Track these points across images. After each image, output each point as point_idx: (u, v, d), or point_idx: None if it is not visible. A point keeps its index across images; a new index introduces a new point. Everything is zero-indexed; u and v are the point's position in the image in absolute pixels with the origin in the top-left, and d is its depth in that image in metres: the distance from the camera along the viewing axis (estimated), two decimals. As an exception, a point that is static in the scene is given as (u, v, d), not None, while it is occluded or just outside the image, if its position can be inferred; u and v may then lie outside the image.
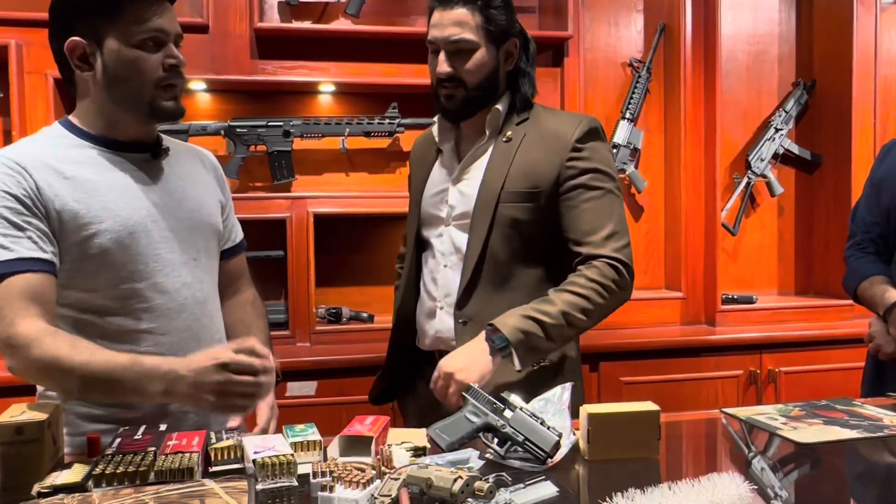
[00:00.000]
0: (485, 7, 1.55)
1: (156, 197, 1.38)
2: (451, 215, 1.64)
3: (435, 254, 1.66)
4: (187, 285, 1.40)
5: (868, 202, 2.01)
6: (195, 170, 1.51)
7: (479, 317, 1.55)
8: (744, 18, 3.15)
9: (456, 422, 1.29)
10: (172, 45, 1.34)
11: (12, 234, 1.23)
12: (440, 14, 1.56)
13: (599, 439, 1.27)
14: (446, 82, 1.57)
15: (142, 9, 1.29)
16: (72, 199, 1.28)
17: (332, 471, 1.11)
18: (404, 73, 2.76)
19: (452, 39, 1.54)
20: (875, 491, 1.25)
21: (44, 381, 1.28)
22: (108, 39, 1.30)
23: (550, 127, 1.60)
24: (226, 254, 1.58)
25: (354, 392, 2.35)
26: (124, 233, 1.31)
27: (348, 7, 2.69)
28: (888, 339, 1.85)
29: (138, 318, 1.35)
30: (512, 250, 1.57)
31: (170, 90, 1.34)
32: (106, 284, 1.32)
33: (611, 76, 3.03)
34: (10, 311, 1.20)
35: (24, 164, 1.27)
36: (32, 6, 2.55)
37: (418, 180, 1.74)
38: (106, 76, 1.32)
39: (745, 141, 3.16)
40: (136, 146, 1.39)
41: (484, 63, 1.57)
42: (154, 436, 1.26)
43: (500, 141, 1.61)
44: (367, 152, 2.82)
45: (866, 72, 3.00)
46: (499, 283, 1.58)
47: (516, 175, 1.57)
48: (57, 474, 1.11)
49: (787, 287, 3.24)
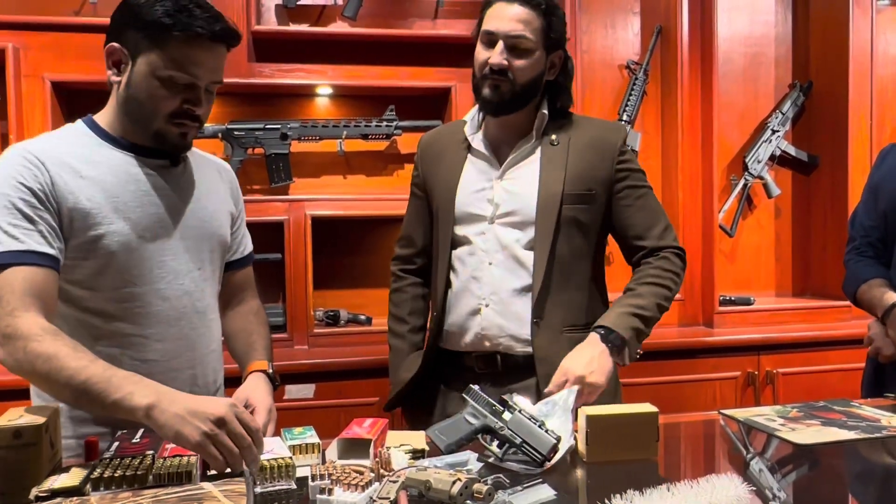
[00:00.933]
0: (549, 13, 1.59)
1: (168, 203, 1.38)
2: (496, 213, 1.65)
3: (475, 251, 1.66)
4: (188, 294, 1.40)
5: (866, 207, 2.02)
6: (211, 180, 1.51)
7: (548, 315, 1.61)
8: (740, 20, 3.16)
9: (455, 423, 1.29)
10: (202, 92, 1.33)
11: (23, 226, 1.23)
12: (503, 7, 1.58)
13: (598, 441, 1.27)
14: (496, 74, 1.58)
15: (185, 48, 1.29)
16: (84, 198, 1.29)
17: (330, 474, 1.11)
18: (401, 75, 2.76)
19: (514, 34, 1.57)
20: (873, 492, 1.25)
21: (34, 377, 1.21)
22: (142, 59, 1.31)
23: (595, 133, 1.68)
24: (234, 265, 1.59)
25: (353, 395, 2.35)
26: (132, 236, 1.32)
27: (345, 10, 2.70)
28: (887, 341, 1.84)
29: (136, 323, 1.34)
30: (573, 249, 1.64)
31: (181, 127, 1.34)
32: (108, 285, 1.32)
33: (608, 78, 3.04)
34: (13, 300, 1.19)
35: (42, 159, 1.28)
36: (30, 9, 2.56)
37: (441, 176, 1.73)
38: (127, 90, 1.34)
39: (742, 143, 3.17)
40: (156, 151, 1.39)
41: (536, 65, 1.61)
42: (152, 439, 1.25)
43: (547, 144, 1.66)
44: (365, 155, 2.82)
45: (862, 73, 3.00)
46: (562, 282, 1.63)
47: (573, 178, 1.63)
48: (55, 478, 1.11)
49: (785, 288, 3.25)
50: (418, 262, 1.85)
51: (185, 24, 1.27)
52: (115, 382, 1.14)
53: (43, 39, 2.49)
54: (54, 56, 2.50)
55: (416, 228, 1.83)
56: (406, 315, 1.83)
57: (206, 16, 1.29)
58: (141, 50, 1.30)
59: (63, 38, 2.51)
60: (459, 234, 1.69)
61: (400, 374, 1.78)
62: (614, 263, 3.03)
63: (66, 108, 2.57)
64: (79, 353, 1.18)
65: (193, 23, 1.27)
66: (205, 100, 1.35)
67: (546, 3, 1.59)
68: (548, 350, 1.59)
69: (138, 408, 1.12)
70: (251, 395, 1.43)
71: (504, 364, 1.64)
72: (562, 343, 1.58)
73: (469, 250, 1.67)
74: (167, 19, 1.27)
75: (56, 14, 2.56)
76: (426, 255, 1.83)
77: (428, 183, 1.78)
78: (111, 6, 2.69)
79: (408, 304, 1.84)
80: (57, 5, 2.60)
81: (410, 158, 2.87)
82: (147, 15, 1.28)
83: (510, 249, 1.63)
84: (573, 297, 1.64)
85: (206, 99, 1.36)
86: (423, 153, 1.82)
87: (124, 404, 1.13)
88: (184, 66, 1.29)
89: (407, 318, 1.83)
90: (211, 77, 1.34)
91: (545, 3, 1.59)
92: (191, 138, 1.39)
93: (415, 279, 1.85)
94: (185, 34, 1.28)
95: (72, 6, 2.61)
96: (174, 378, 1.36)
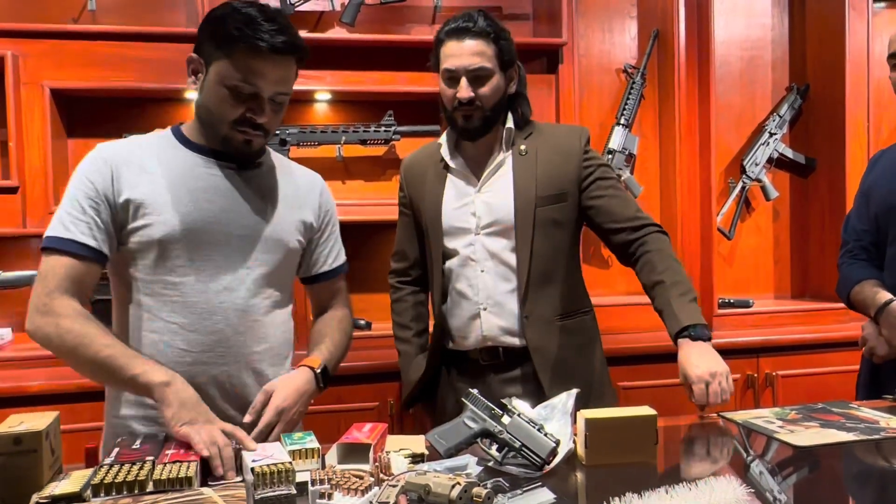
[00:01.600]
0: (497, 39, 1.71)
1: (225, 203, 1.45)
2: (480, 225, 1.77)
3: (466, 262, 1.78)
4: (228, 290, 1.44)
5: (858, 211, 2.03)
6: (290, 188, 1.57)
7: (539, 310, 1.74)
8: (737, 24, 3.17)
9: (454, 427, 1.30)
10: (266, 103, 1.39)
11: (76, 216, 1.36)
12: (457, 45, 1.70)
13: (597, 444, 1.28)
14: (466, 105, 1.71)
15: (251, 59, 1.36)
16: (142, 191, 1.39)
17: (330, 478, 1.11)
18: (400, 80, 2.77)
19: (473, 68, 1.69)
20: (872, 493, 1.25)
21: (61, 350, 1.33)
22: (213, 68, 1.39)
23: (559, 139, 1.81)
24: (321, 277, 1.67)
25: (352, 399, 2.35)
26: (178, 228, 1.39)
27: (343, 16, 2.71)
28: (881, 340, 1.85)
29: (173, 311, 1.41)
30: (553, 246, 1.76)
31: (244, 134, 1.41)
32: (152, 272, 1.40)
33: (605, 82, 3.05)
34: (54, 281, 1.33)
35: (111, 157, 1.40)
36: (29, 17, 2.57)
37: (426, 196, 1.85)
38: (200, 97, 1.44)
39: (740, 146, 3.18)
40: (226, 155, 1.47)
41: (498, 87, 1.74)
42: (152, 445, 1.26)
43: (516, 154, 1.78)
44: (364, 160, 2.83)
45: (859, 76, 3.01)
46: (547, 278, 1.76)
47: (544, 181, 1.75)
48: (55, 484, 1.11)
49: (784, 291, 3.25)
50: (413, 273, 1.98)
51: (249, 36, 1.34)
52: (136, 362, 1.31)
53: (42, 47, 2.50)
54: (53, 63, 2.51)
55: (408, 244, 1.96)
56: (409, 321, 1.97)
57: (271, 29, 1.35)
58: (213, 60, 1.39)
59: (62, 46, 2.52)
60: (449, 246, 1.81)
61: (410, 376, 1.92)
62: (613, 266, 3.04)
63: (66, 116, 2.58)
64: (106, 334, 1.33)
65: (257, 36, 1.34)
66: (270, 110, 1.41)
67: (493, 30, 1.71)
68: (539, 341, 1.74)
69: (154, 383, 1.29)
70: (277, 388, 1.44)
71: (505, 355, 1.77)
72: (552, 332, 1.75)
73: (460, 261, 1.79)
74: (235, 32, 1.35)
75: (55, 21, 2.58)
76: (419, 267, 1.96)
77: (414, 202, 1.91)
78: (110, 14, 2.73)
79: (409, 311, 1.97)
80: (56, 13, 2.61)
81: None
82: (219, 28, 1.37)
83: (499, 257, 1.76)
84: (558, 289, 1.77)
85: (272, 109, 1.42)
86: (406, 175, 1.95)
87: (141, 380, 1.30)
88: (247, 76, 1.36)
89: (410, 324, 1.96)
90: (275, 88, 1.40)
91: (492, 31, 1.71)
92: (256, 146, 1.45)
93: (413, 287, 1.99)
94: (248, 46, 1.35)
95: (71, 14, 2.63)
96: (203, 372, 1.41)
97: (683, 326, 1.59)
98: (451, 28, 1.72)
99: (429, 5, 2.88)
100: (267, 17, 1.37)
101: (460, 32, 1.70)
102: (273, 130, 1.47)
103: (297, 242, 1.56)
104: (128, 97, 2.62)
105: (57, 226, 1.36)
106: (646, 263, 1.73)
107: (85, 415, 2.18)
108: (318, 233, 1.63)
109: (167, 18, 2.70)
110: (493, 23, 1.73)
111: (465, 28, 1.70)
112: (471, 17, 1.71)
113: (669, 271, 1.70)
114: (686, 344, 1.57)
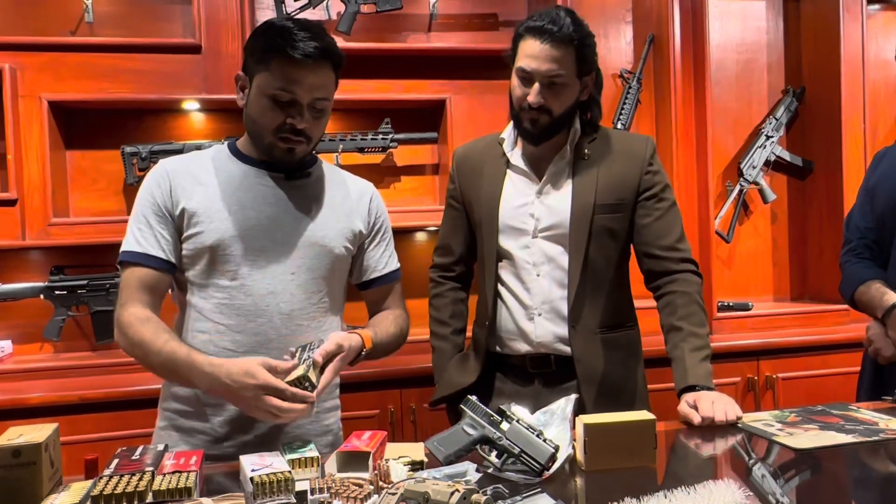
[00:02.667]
0: (581, 46, 1.63)
1: (275, 212, 1.52)
2: (538, 228, 1.73)
3: (522, 264, 1.74)
4: (273, 294, 1.50)
5: (862, 209, 2.02)
6: (339, 198, 1.62)
7: (584, 319, 1.71)
8: (732, 27, 3.18)
9: (453, 434, 1.30)
10: (304, 109, 1.46)
11: (145, 230, 1.48)
12: (538, 46, 1.61)
13: (596, 449, 1.28)
14: (534, 110, 1.65)
15: (286, 67, 1.43)
16: (195, 200, 1.49)
17: (329, 487, 1.11)
18: (396, 88, 2.78)
19: (551, 74, 1.62)
20: (872, 495, 1.25)
21: (138, 358, 1.45)
22: (255, 81, 1.48)
23: (623, 145, 1.77)
24: (374, 282, 1.69)
25: (352, 408, 2.34)
26: (227, 235, 1.48)
27: (339, 25, 2.72)
28: (887, 342, 1.82)
29: (221, 312, 1.49)
30: (605, 256, 1.73)
31: (287, 142, 1.48)
32: (205, 276, 1.49)
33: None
34: (126, 295, 1.46)
35: (170, 171, 1.52)
36: (27, 30, 2.58)
37: (483, 191, 1.79)
38: (246, 109, 1.52)
39: (737, 149, 3.18)
40: (275, 165, 1.54)
41: (572, 95, 1.68)
42: (151, 456, 1.26)
43: (579, 159, 1.74)
44: (361, 168, 2.83)
45: (855, 77, 3.02)
46: (596, 288, 1.72)
47: (604, 189, 1.71)
48: (55, 496, 1.11)
49: (783, 293, 3.25)
50: (457, 269, 1.92)
51: (283, 46, 1.42)
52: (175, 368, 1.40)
53: (40, 59, 2.51)
54: (51, 76, 2.52)
55: (454, 238, 1.90)
56: (448, 318, 1.91)
57: (305, 37, 1.42)
58: (255, 74, 1.48)
59: (60, 58, 2.53)
60: (504, 246, 1.76)
61: (451, 377, 1.85)
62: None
63: (64, 128, 2.59)
64: (158, 335, 1.41)
65: (289, 45, 1.41)
66: (310, 116, 1.47)
67: (577, 36, 1.61)
68: (584, 351, 1.70)
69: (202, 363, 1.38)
70: (333, 335, 1.47)
71: (557, 364, 1.73)
72: (596, 344, 1.72)
73: (516, 262, 1.75)
74: (271, 43, 1.43)
75: (53, 34, 2.59)
76: (464, 263, 1.92)
77: (466, 195, 1.84)
78: (107, 26, 2.74)
79: (448, 307, 1.91)
80: (53, 25, 2.62)
81: (407, 171, 2.89)
82: (258, 43, 1.47)
83: (556, 262, 1.72)
84: (605, 300, 1.73)
85: (313, 115, 1.48)
86: (460, 166, 1.88)
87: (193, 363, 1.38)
88: (285, 84, 1.44)
89: (449, 321, 1.91)
90: (312, 94, 1.46)
91: (576, 37, 1.61)
92: (299, 153, 1.50)
93: (454, 284, 1.93)
94: (283, 56, 1.42)
95: (68, 26, 2.64)
96: None
97: (690, 385, 1.60)
98: (535, 26, 1.61)
99: (424, 13, 2.89)
100: (301, 27, 1.44)
101: (543, 33, 1.60)
102: (316, 137, 1.53)
103: (345, 249, 1.60)
104: (126, 109, 2.63)
105: (130, 240, 1.48)
106: (668, 304, 1.70)
107: (85, 426, 2.19)
108: (369, 239, 1.67)
109: (164, 30, 2.70)
110: (580, 27, 1.63)
111: (548, 30, 1.59)
112: (557, 18, 1.60)
113: (690, 318, 1.67)
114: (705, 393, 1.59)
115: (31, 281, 2.53)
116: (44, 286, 2.50)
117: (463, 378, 1.82)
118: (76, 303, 2.52)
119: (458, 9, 2.94)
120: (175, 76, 2.61)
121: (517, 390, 1.76)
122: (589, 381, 1.70)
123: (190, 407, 1.51)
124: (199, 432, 1.50)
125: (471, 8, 2.93)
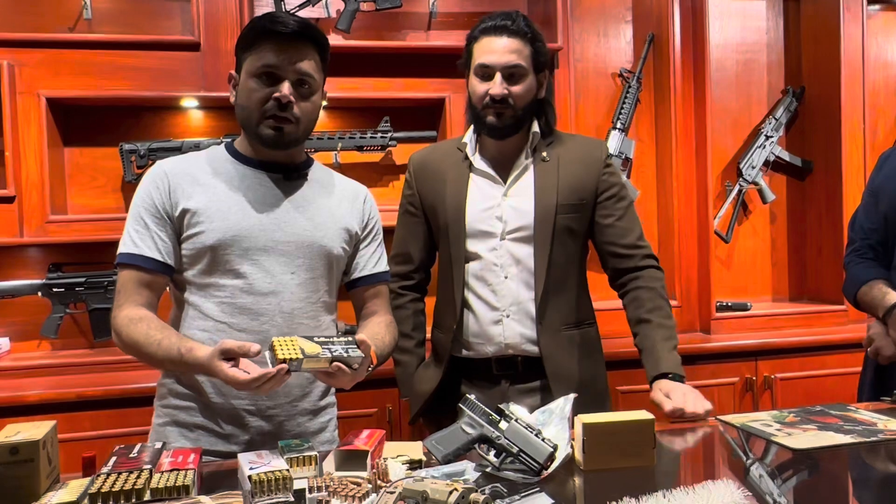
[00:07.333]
0: (534, 41, 1.72)
1: (272, 212, 1.53)
2: (505, 230, 1.75)
3: (490, 266, 1.76)
4: (274, 293, 1.51)
5: (867, 209, 2.02)
6: (334, 198, 1.63)
7: (550, 318, 1.74)
8: (732, 27, 3.18)
9: (452, 433, 1.30)
10: (287, 84, 1.47)
11: (142, 232, 1.48)
12: (496, 41, 1.69)
13: (595, 449, 1.28)
14: (498, 103, 1.69)
15: (266, 44, 1.47)
16: (195, 201, 1.49)
17: (327, 485, 1.11)
18: (396, 87, 2.77)
19: (511, 65, 1.69)
20: (871, 495, 1.25)
21: (137, 357, 1.46)
22: (243, 69, 1.51)
23: (580, 148, 1.82)
24: (361, 281, 1.68)
25: (350, 406, 2.34)
26: (227, 235, 1.48)
27: (339, 22, 2.71)
28: (888, 341, 1.82)
29: (223, 311, 1.49)
30: (567, 255, 1.77)
31: (275, 120, 1.48)
32: (205, 276, 1.49)
33: (601, 86, 3.05)
34: (122, 297, 1.47)
35: (168, 172, 1.52)
36: (25, 27, 2.57)
37: (447, 196, 1.79)
38: (236, 101, 1.54)
39: (736, 149, 3.18)
40: (273, 166, 1.56)
41: (531, 88, 1.73)
42: (149, 454, 1.26)
43: (539, 160, 1.78)
44: (360, 166, 2.83)
45: (854, 78, 3.02)
46: (560, 286, 1.76)
47: (565, 189, 1.75)
48: (52, 494, 1.11)
49: (781, 293, 3.25)
50: (416, 277, 1.91)
51: (264, 25, 1.47)
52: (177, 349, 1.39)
53: (38, 56, 2.51)
54: (49, 72, 2.52)
55: (413, 244, 1.89)
56: (410, 331, 1.89)
57: (286, 18, 1.47)
58: (241, 63, 1.51)
59: (58, 55, 2.52)
60: (471, 249, 1.77)
61: (417, 388, 1.86)
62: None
63: (62, 125, 2.59)
64: (151, 334, 1.42)
65: (269, 21, 1.47)
66: (297, 95, 1.48)
67: (530, 30, 1.71)
68: (551, 349, 1.74)
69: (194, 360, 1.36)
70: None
71: (523, 364, 1.76)
72: (561, 341, 1.75)
73: (484, 265, 1.76)
74: (255, 26, 1.49)
75: (51, 31, 2.58)
76: (423, 270, 1.91)
77: (428, 201, 1.84)
78: (106, 23, 2.73)
79: (410, 320, 1.90)
80: (52, 22, 2.62)
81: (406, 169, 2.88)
82: (245, 32, 1.51)
83: (523, 263, 1.75)
84: (567, 298, 1.78)
85: (300, 94, 1.49)
86: (418, 172, 1.88)
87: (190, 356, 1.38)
88: (265, 58, 1.46)
89: (412, 334, 1.90)
90: (295, 67, 1.47)
91: (530, 31, 1.71)
92: (289, 135, 1.50)
93: (414, 295, 1.92)
94: (265, 33, 1.47)
95: (66, 23, 2.63)
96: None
97: (662, 373, 1.65)
98: (489, 25, 1.71)
99: (424, 12, 2.89)
100: (284, 11, 1.48)
101: (498, 30, 1.69)
102: (305, 120, 1.52)
103: (342, 250, 1.61)
104: (124, 106, 2.62)
105: (126, 242, 1.49)
106: (635, 299, 1.76)
107: (83, 424, 2.19)
108: (361, 239, 1.67)
109: (163, 27, 2.70)
110: (531, 24, 1.73)
111: (503, 26, 1.69)
112: (510, 16, 1.71)
113: (657, 311, 1.73)
114: (674, 384, 1.63)
115: (28, 278, 2.53)
116: (41, 283, 2.50)
117: (429, 386, 1.83)
118: (74, 300, 2.52)
119: (458, 7, 2.94)
120: (174, 73, 2.60)
121: (487, 394, 1.76)
122: (557, 379, 1.73)
123: (192, 403, 1.51)
124: (200, 427, 1.50)
125: (470, 6, 2.93)
